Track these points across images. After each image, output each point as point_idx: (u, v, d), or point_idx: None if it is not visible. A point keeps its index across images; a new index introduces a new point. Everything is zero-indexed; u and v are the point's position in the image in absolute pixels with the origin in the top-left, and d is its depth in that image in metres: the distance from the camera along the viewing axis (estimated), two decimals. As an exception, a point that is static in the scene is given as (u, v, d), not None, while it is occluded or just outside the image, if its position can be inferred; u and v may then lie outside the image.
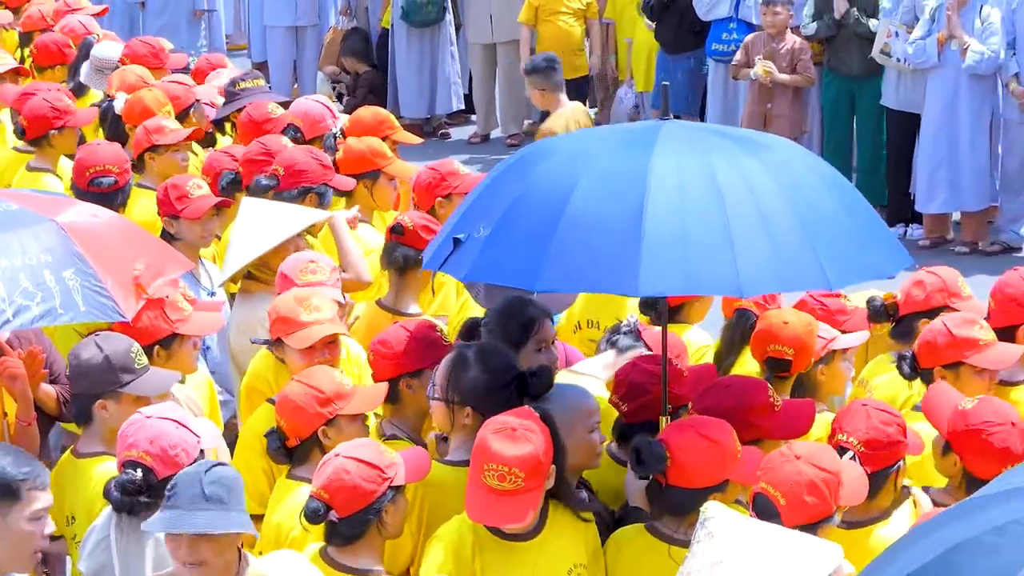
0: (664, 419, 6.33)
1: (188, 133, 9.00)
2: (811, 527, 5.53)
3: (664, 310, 6.96)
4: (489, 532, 5.77)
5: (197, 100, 10.68)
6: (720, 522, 4.87)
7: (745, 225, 5.93)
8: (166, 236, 8.42)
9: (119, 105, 10.26)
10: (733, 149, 6.27)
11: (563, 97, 12.67)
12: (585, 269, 5.94)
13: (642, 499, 6.16)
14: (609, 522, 6.24)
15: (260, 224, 8.02)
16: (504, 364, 6.30)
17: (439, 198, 8.63)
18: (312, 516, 5.66)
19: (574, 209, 5.92)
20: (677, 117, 9.60)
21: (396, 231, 7.91)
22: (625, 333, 7.10)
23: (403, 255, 7.83)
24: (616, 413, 6.52)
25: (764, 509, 5.57)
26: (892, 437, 5.96)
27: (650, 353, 6.84)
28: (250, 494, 6.36)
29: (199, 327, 7.18)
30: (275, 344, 7.02)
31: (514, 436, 5.68)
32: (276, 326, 6.94)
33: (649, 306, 7.58)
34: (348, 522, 5.69)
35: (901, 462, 6.04)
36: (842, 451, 5.90)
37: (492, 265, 6.11)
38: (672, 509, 5.86)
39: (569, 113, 12.33)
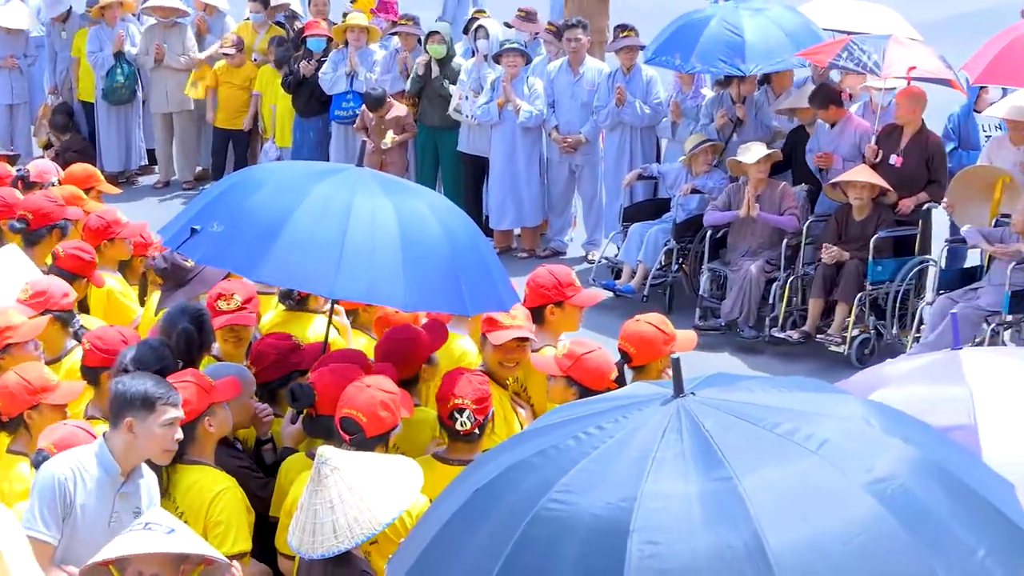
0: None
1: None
2: (386, 435, 5.67)
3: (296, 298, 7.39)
4: None
5: None
6: (338, 459, 4.92)
7: (415, 256, 6.00)
8: None
9: None
10: (407, 194, 6.35)
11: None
12: (296, 270, 5.99)
13: (292, 440, 6.28)
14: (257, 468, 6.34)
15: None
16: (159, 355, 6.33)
17: (104, 240, 8.62)
18: None
19: (294, 224, 5.96)
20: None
21: (54, 256, 8.14)
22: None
23: (56, 271, 7.98)
24: None
25: (349, 428, 5.64)
26: (487, 394, 5.97)
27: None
28: None
29: None
30: None
31: None
32: None
33: (286, 295, 7.61)
34: None
35: (491, 412, 6.01)
36: (461, 411, 5.90)
37: (223, 255, 6.13)
38: (324, 434, 5.86)
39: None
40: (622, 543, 3.35)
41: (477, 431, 5.92)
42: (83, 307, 8.24)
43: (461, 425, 5.90)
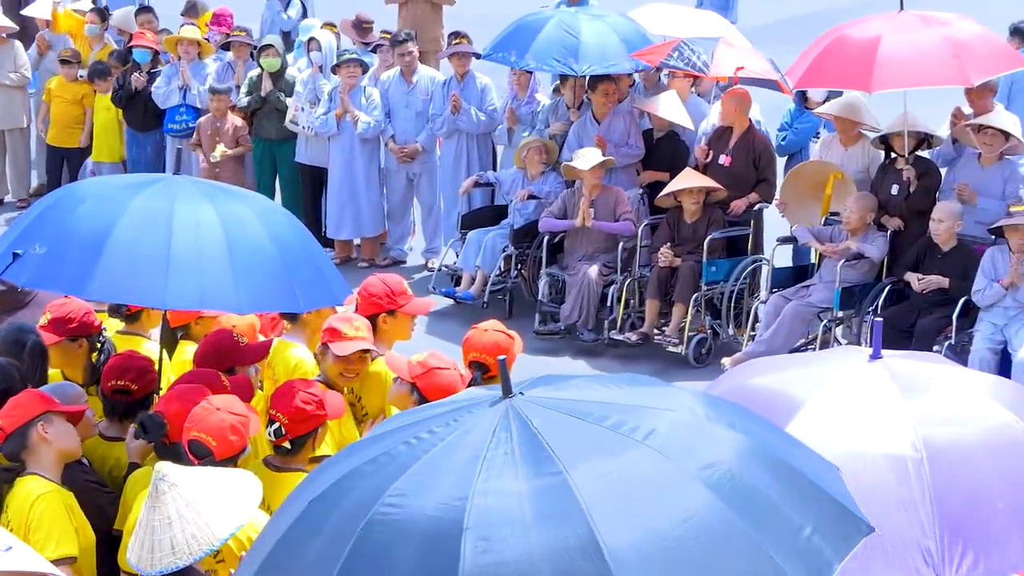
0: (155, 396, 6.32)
1: None
2: (235, 458, 5.61)
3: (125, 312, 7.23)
4: None
5: None
6: (176, 475, 4.89)
7: (243, 259, 5.95)
8: None
9: None
10: (228, 199, 6.27)
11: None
12: (124, 284, 5.89)
13: (136, 455, 6.13)
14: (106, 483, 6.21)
15: None
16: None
17: None
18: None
19: (116, 238, 5.85)
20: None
21: None
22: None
23: None
24: None
25: (198, 451, 5.58)
26: (311, 412, 5.86)
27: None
28: None
29: None
30: None
31: None
32: None
33: (115, 310, 7.46)
34: None
35: (319, 428, 5.93)
36: (272, 422, 5.88)
37: (48, 276, 6.00)
38: (176, 458, 5.67)
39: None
40: (456, 542, 3.40)
41: (288, 445, 5.88)
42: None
43: (270, 435, 5.91)
